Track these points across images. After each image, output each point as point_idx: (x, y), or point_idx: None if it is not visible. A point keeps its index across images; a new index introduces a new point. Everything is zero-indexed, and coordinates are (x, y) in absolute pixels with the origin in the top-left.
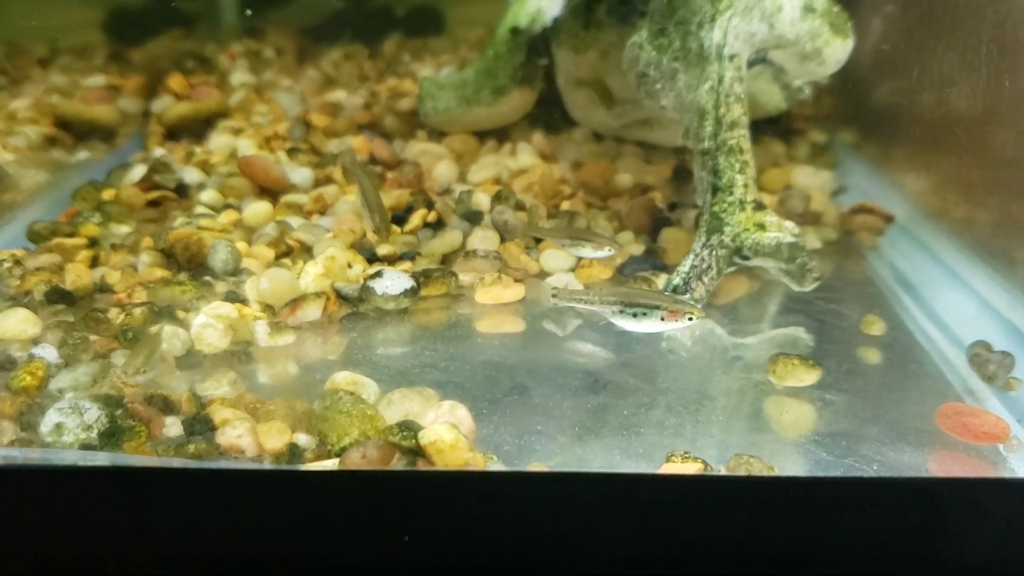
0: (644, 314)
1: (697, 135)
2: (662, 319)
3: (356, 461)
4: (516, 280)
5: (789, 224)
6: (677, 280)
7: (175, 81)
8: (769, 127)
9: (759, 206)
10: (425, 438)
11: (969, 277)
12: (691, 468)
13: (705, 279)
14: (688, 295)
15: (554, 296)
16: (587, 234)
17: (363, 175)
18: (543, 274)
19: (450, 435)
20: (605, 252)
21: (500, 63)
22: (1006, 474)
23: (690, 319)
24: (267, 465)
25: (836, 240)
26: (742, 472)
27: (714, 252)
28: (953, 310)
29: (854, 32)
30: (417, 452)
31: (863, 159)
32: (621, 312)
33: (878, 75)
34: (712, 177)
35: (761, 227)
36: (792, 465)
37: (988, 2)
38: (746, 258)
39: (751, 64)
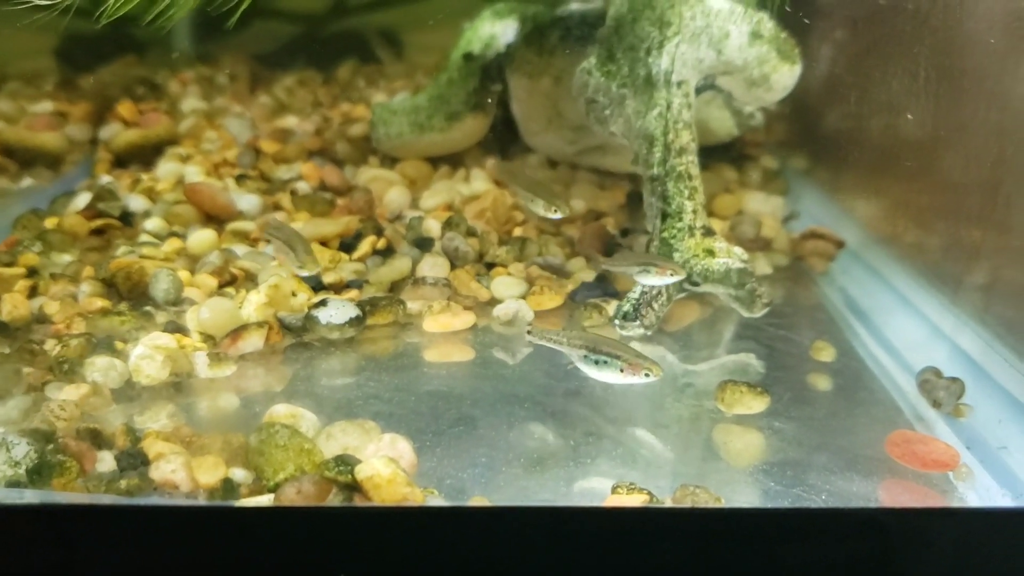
0: (605, 363)
1: (646, 161)
2: (621, 371)
3: (291, 497)
4: (466, 308)
5: (738, 250)
6: (627, 307)
7: (124, 108)
8: (721, 153)
9: (708, 232)
10: (362, 473)
11: (919, 302)
12: (636, 500)
13: (655, 305)
14: (638, 322)
15: (528, 333)
16: (653, 259)
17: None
18: (494, 301)
19: (387, 469)
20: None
21: (453, 88)
22: (954, 503)
23: (647, 375)
24: (198, 502)
25: (787, 266)
26: (688, 503)
27: None
28: (903, 336)
29: (803, 58)
30: (354, 487)
31: (814, 185)
32: (585, 357)
33: (828, 102)
34: (661, 203)
35: (710, 253)
36: (740, 495)
37: (930, 30)
38: (696, 284)
39: (700, 90)
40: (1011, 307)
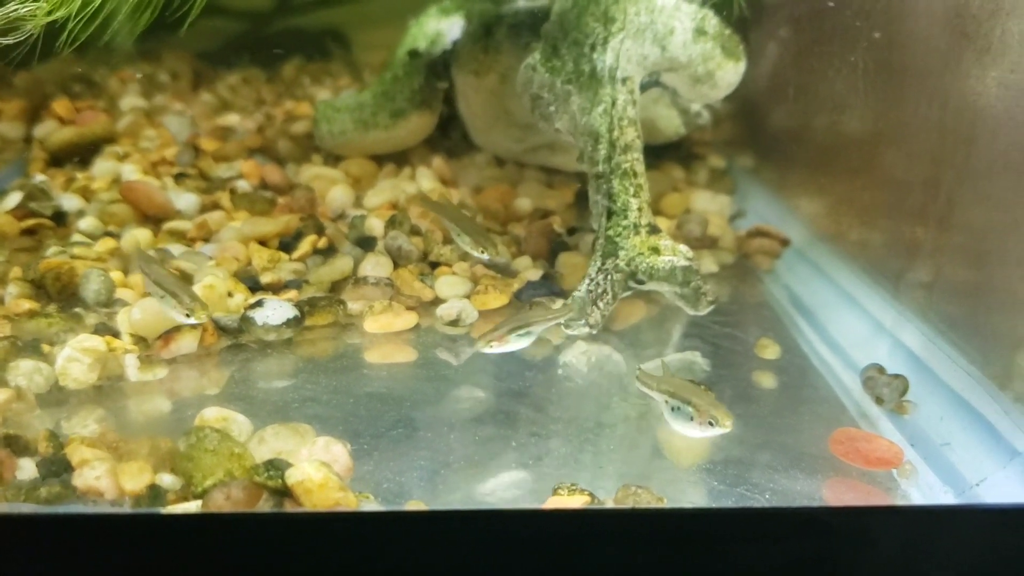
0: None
1: (591, 158)
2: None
3: (219, 503)
4: (408, 308)
5: (683, 248)
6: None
7: (60, 105)
8: (670, 152)
9: (653, 229)
10: (292, 477)
11: (863, 299)
12: (578, 501)
13: (600, 304)
14: (583, 321)
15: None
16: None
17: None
18: (438, 301)
19: (319, 474)
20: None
21: (398, 86)
22: (898, 501)
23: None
24: (120, 509)
25: (733, 264)
26: (630, 504)
27: (609, 276)
28: (847, 333)
29: (748, 56)
30: (285, 492)
31: (761, 184)
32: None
33: (774, 100)
34: (607, 201)
35: (655, 251)
36: (683, 495)
37: (872, 26)
38: (641, 282)
39: (644, 87)
40: (952, 303)
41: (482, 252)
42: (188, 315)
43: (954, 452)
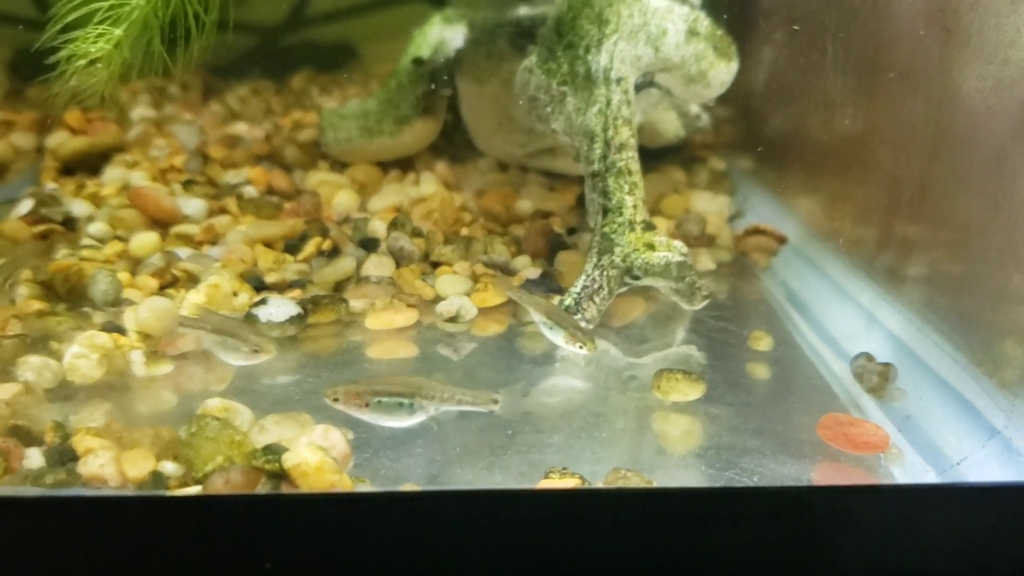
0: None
1: (587, 157)
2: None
3: (218, 487)
4: (409, 305)
5: (678, 243)
6: (568, 300)
7: (72, 116)
8: (671, 155)
9: (649, 226)
10: (289, 461)
11: (856, 293)
12: (569, 484)
13: (596, 299)
14: (579, 315)
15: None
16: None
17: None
18: (438, 299)
19: (315, 457)
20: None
21: (403, 93)
22: (877, 481)
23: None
24: (118, 491)
25: (730, 261)
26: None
27: (605, 272)
28: (840, 325)
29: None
30: (281, 476)
31: (760, 184)
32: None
33: (772, 103)
34: (602, 199)
35: (650, 247)
36: (673, 479)
37: (861, 26)
38: (636, 278)
39: (639, 87)
40: (939, 294)
41: (580, 347)
42: (257, 351)
43: (941, 436)
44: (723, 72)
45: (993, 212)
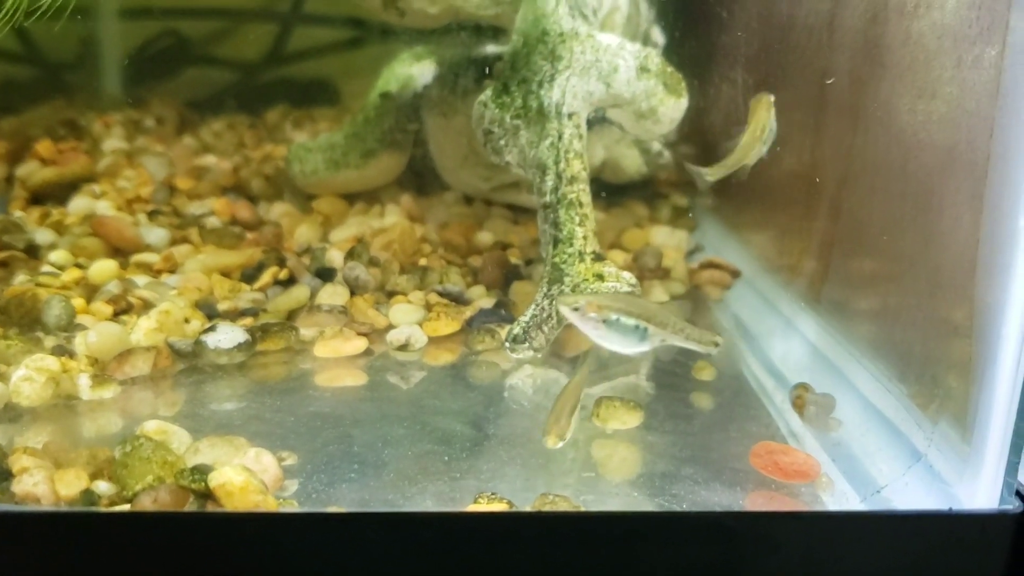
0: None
1: (539, 189)
2: None
3: (146, 505)
4: (360, 334)
5: (627, 275)
6: (517, 329)
7: (43, 147)
8: (635, 191)
9: (598, 257)
10: (214, 480)
11: (803, 326)
12: (496, 508)
13: (545, 328)
14: (527, 343)
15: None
16: None
17: None
18: (391, 328)
19: (240, 477)
20: None
21: (369, 127)
22: (799, 507)
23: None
24: (38, 507)
25: (684, 294)
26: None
27: (554, 302)
28: (784, 356)
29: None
30: (208, 495)
31: (719, 221)
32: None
33: (728, 139)
34: (553, 229)
35: (600, 277)
36: (604, 505)
37: (808, 64)
38: None
39: (591, 123)
40: (875, 326)
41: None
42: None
43: (873, 465)
44: (673, 108)
45: (923, 246)
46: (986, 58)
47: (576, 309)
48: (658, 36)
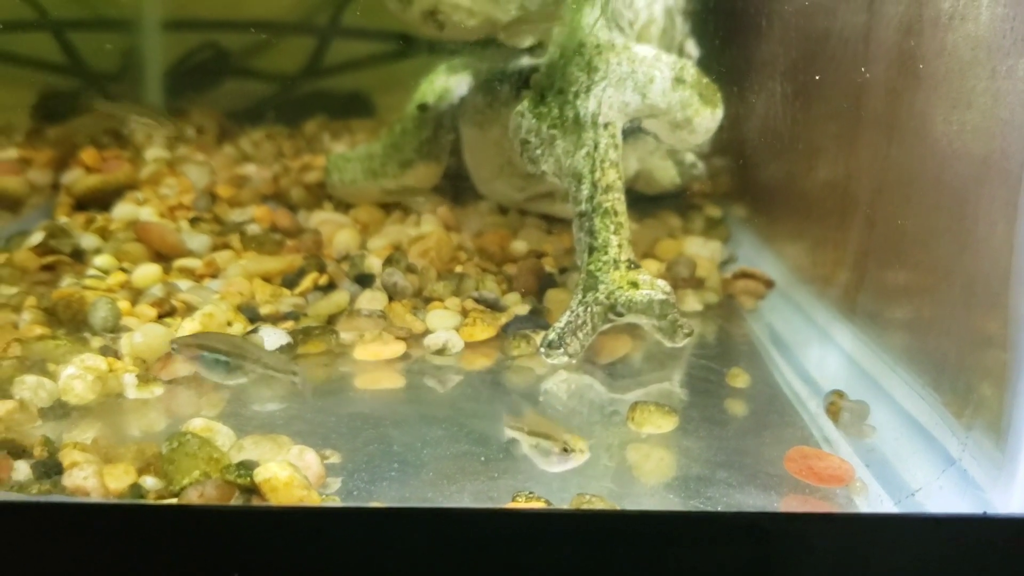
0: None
1: (575, 198)
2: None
3: (193, 499)
4: (398, 338)
5: (661, 283)
6: (552, 335)
7: (87, 155)
8: (668, 202)
9: (633, 265)
10: (260, 475)
11: (837, 335)
12: (535, 507)
13: (580, 335)
14: (562, 349)
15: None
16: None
17: None
18: (428, 333)
19: (284, 472)
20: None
21: (407, 137)
22: (833, 509)
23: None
24: (86, 499)
25: (717, 303)
26: None
27: (589, 309)
28: (820, 365)
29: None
30: (253, 490)
31: (752, 231)
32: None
33: (764, 151)
34: (589, 237)
35: (634, 285)
36: (640, 506)
37: (842, 74)
38: (620, 315)
39: (627, 133)
40: (910, 336)
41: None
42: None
43: (908, 471)
44: (708, 119)
45: (958, 255)
46: (1020, 69)
47: (175, 349)
48: (693, 48)
